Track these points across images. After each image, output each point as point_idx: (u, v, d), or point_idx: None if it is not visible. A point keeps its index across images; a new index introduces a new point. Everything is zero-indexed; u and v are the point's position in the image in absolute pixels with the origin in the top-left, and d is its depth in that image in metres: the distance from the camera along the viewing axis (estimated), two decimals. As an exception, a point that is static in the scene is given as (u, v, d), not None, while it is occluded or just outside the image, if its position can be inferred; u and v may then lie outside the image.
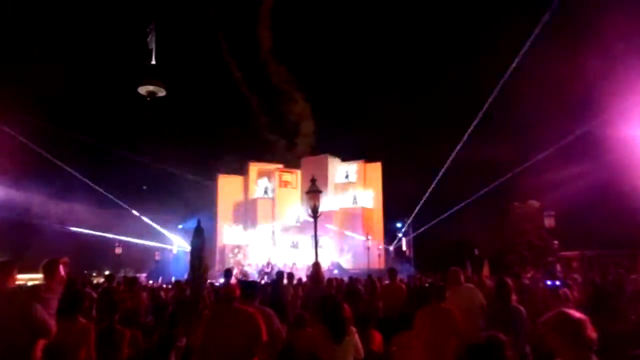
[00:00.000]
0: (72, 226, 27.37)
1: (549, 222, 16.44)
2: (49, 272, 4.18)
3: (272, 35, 39.43)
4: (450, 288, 6.38)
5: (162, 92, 37.56)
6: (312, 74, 44.08)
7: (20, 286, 4.26)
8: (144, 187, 38.43)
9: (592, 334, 2.30)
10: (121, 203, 28.46)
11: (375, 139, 39.72)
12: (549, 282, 8.97)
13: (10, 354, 3.54)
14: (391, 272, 8.98)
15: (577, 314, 2.36)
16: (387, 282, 9.59)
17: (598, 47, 20.71)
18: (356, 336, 4.42)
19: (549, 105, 25.89)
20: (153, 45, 36.61)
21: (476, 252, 27.91)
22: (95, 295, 7.08)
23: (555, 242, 21.04)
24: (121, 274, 21.60)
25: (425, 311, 5.15)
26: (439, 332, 4.91)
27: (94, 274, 29.98)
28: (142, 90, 37.21)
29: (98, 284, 14.09)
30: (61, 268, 4.16)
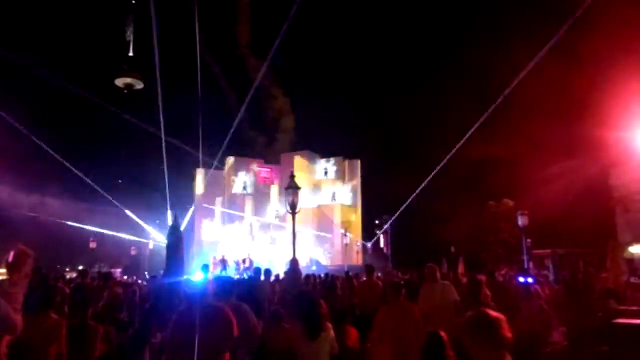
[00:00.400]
0: (44, 217, 26.71)
1: (522, 220, 16.80)
2: (15, 265, 4.08)
3: (251, 29, 39.05)
4: (426, 284, 6.49)
5: (139, 85, 36.83)
6: (292, 69, 43.89)
7: None
8: (120, 181, 37.75)
9: (507, 333, 2.33)
10: (103, 192, 27.87)
11: (355, 136, 39.90)
12: (521, 279, 9.17)
13: None
14: (368, 268, 9.06)
15: (494, 314, 2.38)
16: (364, 278, 9.67)
17: (579, 46, 21.16)
18: (332, 332, 4.45)
19: (529, 106, 26.40)
20: (131, 37, 35.85)
21: (452, 249, 28.37)
22: (67, 290, 6.94)
23: (529, 240, 21.54)
24: (95, 269, 21.21)
25: (384, 308, 5.24)
26: (401, 329, 4.99)
27: (67, 269, 29.32)
28: (119, 82, 36.45)
29: (71, 279, 13.81)
30: (27, 262, 4.06)
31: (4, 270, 4.22)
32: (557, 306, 8.06)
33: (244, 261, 24.52)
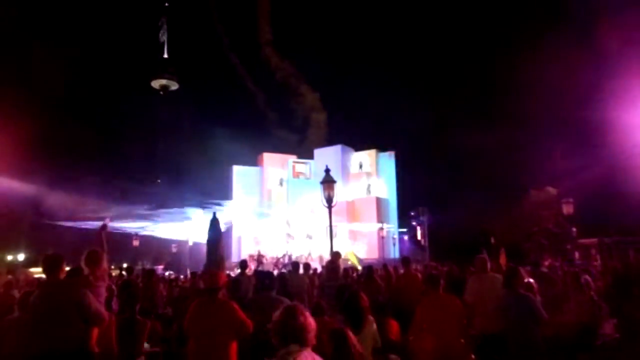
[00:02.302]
0: (86, 220, 27.82)
1: (567, 208, 16.18)
2: (94, 262, 4.28)
3: (273, 29, 39.15)
4: (474, 275, 6.32)
5: (174, 86, 37.75)
6: (319, 64, 43.82)
7: (70, 277, 4.35)
8: (159, 180, 38.83)
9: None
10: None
11: (389, 128, 39.50)
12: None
13: (67, 343, 3.62)
14: (405, 260, 8.92)
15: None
16: (402, 271, 9.55)
17: (616, 30, 20.19)
18: (374, 325, 4.41)
19: (566, 92, 25.39)
20: (165, 39, 36.73)
21: (492, 240, 27.65)
22: (114, 287, 7.18)
23: (574, 229, 20.76)
24: (139, 267, 21.90)
25: (426, 299, 5.15)
26: (442, 320, 4.89)
27: (112, 267, 30.41)
28: (156, 84, 37.42)
29: (117, 277, 14.30)
30: (104, 257, 4.26)
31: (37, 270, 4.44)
32: (608, 297, 7.72)
33: (283, 257, 24.76)
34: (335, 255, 8.85)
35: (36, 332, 3.67)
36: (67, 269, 4.38)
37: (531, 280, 6.54)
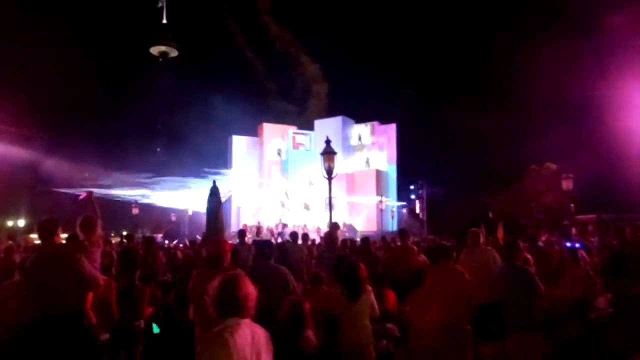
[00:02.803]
0: (86, 187, 27.87)
1: (566, 184, 16.18)
2: (88, 228, 4.29)
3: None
4: (467, 248, 6.37)
5: (174, 53, 37.11)
6: (320, 35, 42.96)
7: (65, 242, 4.37)
8: (158, 149, 38.71)
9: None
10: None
11: (390, 100, 39.11)
12: (568, 244, 8.88)
13: (63, 306, 3.65)
14: (402, 233, 8.95)
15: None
16: (399, 243, 9.61)
17: (617, 10, 19.76)
18: (372, 295, 4.45)
19: (568, 69, 25.04)
20: (163, 3, 35.88)
21: (490, 215, 27.82)
22: (114, 254, 7.22)
23: (572, 205, 20.82)
24: (138, 235, 22.06)
25: (435, 270, 5.16)
26: (451, 291, 4.93)
27: (112, 234, 30.66)
28: (154, 50, 36.79)
29: (117, 244, 14.42)
30: (98, 223, 4.26)
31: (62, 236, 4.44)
32: (603, 272, 7.81)
33: (277, 226, 24.93)
34: (334, 227, 8.89)
35: (31, 297, 3.70)
36: (65, 235, 4.39)
37: (528, 255, 6.59)
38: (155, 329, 4.78)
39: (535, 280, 4.79)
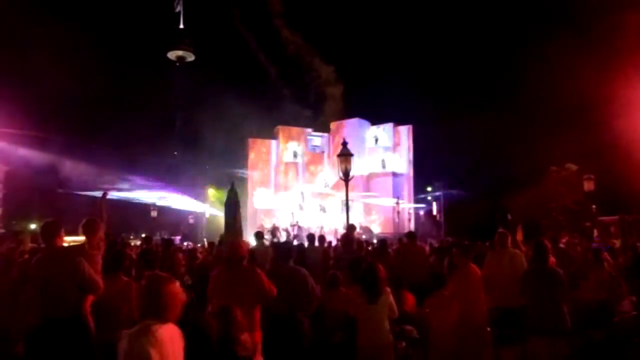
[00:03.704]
0: (103, 190, 28.27)
1: (588, 185, 15.90)
2: (90, 230, 4.33)
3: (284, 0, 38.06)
4: (494, 250, 6.29)
5: (190, 57, 37.52)
6: (333, 35, 42.88)
7: (67, 245, 4.42)
8: (175, 153, 39.14)
9: None
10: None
11: (406, 101, 38.91)
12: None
13: (61, 309, 3.69)
14: (410, 235, 8.92)
15: None
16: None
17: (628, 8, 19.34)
18: (391, 297, 4.44)
19: (589, 69, 24.59)
20: (180, 8, 36.31)
21: (509, 217, 27.39)
22: (134, 256, 7.32)
23: (593, 206, 20.41)
24: (157, 237, 22.33)
25: (458, 273, 5.13)
26: (470, 292, 4.89)
27: (131, 237, 31.14)
28: (172, 55, 37.25)
29: (136, 246, 14.62)
30: (101, 226, 4.31)
31: (74, 238, 4.51)
32: (627, 275, 7.63)
33: (293, 228, 24.98)
34: (350, 228, 8.88)
35: (33, 300, 3.74)
36: (82, 238, 4.43)
37: (551, 257, 6.49)
38: None
39: (566, 283, 4.71)
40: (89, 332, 3.84)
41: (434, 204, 32.08)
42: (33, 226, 29.71)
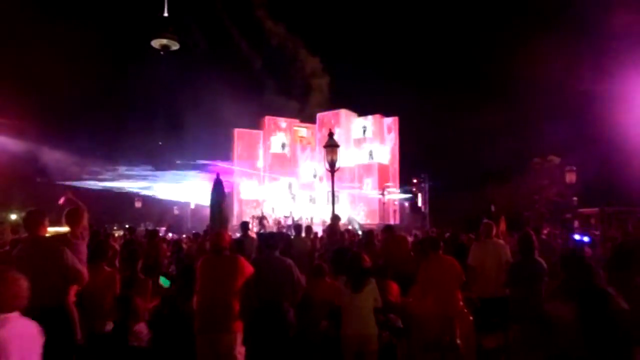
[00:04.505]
0: (89, 180, 28.03)
1: (570, 177, 16.19)
2: (73, 220, 4.27)
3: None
4: (479, 240, 6.37)
5: (175, 46, 36.96)
6: (318, 26, 42.45)
7: (51, 235, 4.35)
8: (160, 142, 38.67)
9: None
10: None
11: (392, 93, 38.93)
12: (577, 237, 8.85)
13: (46, 300, 3.65)
14: (387, 228, 8.96)
15: None
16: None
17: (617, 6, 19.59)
18: (375, 286, 4.47)
19: (572, 62, 24.90)
20: (165, -3, 35.66)
21: (492, 208, 27.75)
22: (117, 247, 7.25)
23: (575, 198, 20.78)
24: (141, 228, 22.13)
25: (426, 262, 5.21)
26: (443, 282, 4.96)
27: (115, 227, 30.86)
28: (156, 43, 36.64)
29: (119, 237, 14.46)
30: (85, 215, 4.24)
31: (55, 229, 4.43)
32: (607, 265, 7.79)
33: (285, 218, 24.96)
34: (335, 219, 8.91)
35: None
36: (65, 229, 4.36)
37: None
38: (165, 282, 4.79)
39: (547, 274, 4.82)
40: (73, 322, 3.80)
41: (419, 195, 32.30)
42: (14, 216, 29.21)
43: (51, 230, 4.58)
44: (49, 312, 3.61)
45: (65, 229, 4.38)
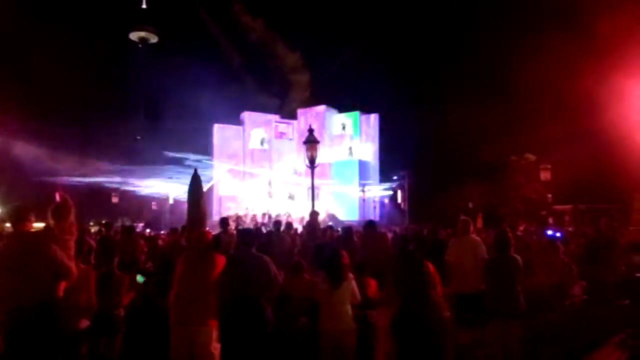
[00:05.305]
0: (66, 176, 27.40)
1: (544, 175, 16.55)
2: (60, 215, 4.15)
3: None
4: (456, 236, 6.45)
5: (154, 39, 36.36)
6: (298, 22, 42.05)
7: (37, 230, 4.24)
8: (138, 137, 38.06)
9: None
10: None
11: (373, 90, 39.04)
12: (549, 232, 9.05)
13: (33, 296, 3.56)
14: (369, 224, 8.94)
15: None
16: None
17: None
18: (353, 282, 4.49)
19: (552, 61, 25.38)
20: (143, -12, 35.04)
21: (470, 205, 28.25)
22: (93, 243, 7.11)
23: (549, 195, 21.26)
24: (118, 224, 21.76)
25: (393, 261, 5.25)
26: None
27: (91, 223, 30.26)
28: (134, 36, 35.99)
29: (95, 232, 14.20)
30: (72, 210, 4.14)
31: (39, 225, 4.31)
32: (579, 260, 8.01)
33: (263, 216, 24.86)
34: (314, 215, 8.91)
35: (2, 287, 3.59)
36: (41, 225, 4.26)
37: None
38: (140, 279, 4.75)
39: (523, 269, 4.93)
40: (60, 319, 3.74)
41: (399, 191, 32.59)
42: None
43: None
44: (37, 309, 3.53)
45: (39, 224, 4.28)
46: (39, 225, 4.41)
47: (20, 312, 3.50)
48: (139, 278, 4.90)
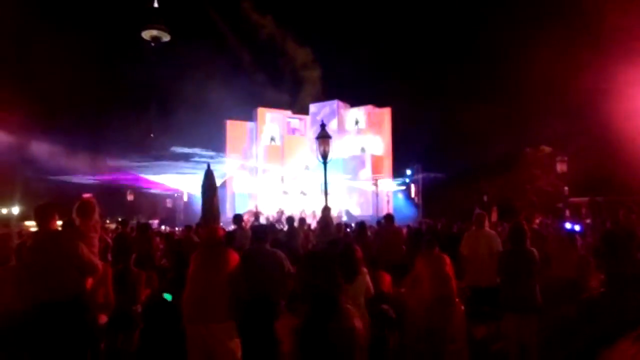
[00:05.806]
0: (80, 174, 27.84)
1: (561, 167, 16.28)
2: (85, 213, 4.25)
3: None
4: (471, 230, 6.41)
5: (166, 37, 36.56)
6: (308, 17, 41.91)
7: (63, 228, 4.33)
8: (152, 135, 38.42)
9: None
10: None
11: (385, 83, 38.84)
12: (568, 225, 8.92)
13: (64, 292, 3.64)
14: (388, 217, 8.95)
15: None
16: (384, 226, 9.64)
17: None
18: (367, 276, 4.49)
19: (565, 53, 24.96)
20: (155, -13, 35.20)
21: (485, 198, 27.97)
22: (109, 240, 7.22)
23: (566, 187, 20.96)
24: (134, 221, 22.02)
25: (420, 259, 5.23)
26: (436, 277, 4.99)
27: (107, 221, 30.72)
28: (146, 34, 36.23)
29: (112, 230, 14.39)
30: (96, 209, 4.23)
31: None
32: (596, 253, 7.89)
33: (277, 213, 24.95)
34: (326, 210, 8.91)
35: (31, 283, 3.68)
36: (60, 222, 4.34)
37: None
38: (168, 297, 4.82)
39: (539, 262, 4.87)
40: (89, 314, 3.82)
41: (412, 186, 32.41)
42: (4, 211, 28.99)
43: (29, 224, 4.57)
44: (65, 305, 3.62)
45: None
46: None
47: (51, 307, 3.59)
48: (167, 296, 4.95)
